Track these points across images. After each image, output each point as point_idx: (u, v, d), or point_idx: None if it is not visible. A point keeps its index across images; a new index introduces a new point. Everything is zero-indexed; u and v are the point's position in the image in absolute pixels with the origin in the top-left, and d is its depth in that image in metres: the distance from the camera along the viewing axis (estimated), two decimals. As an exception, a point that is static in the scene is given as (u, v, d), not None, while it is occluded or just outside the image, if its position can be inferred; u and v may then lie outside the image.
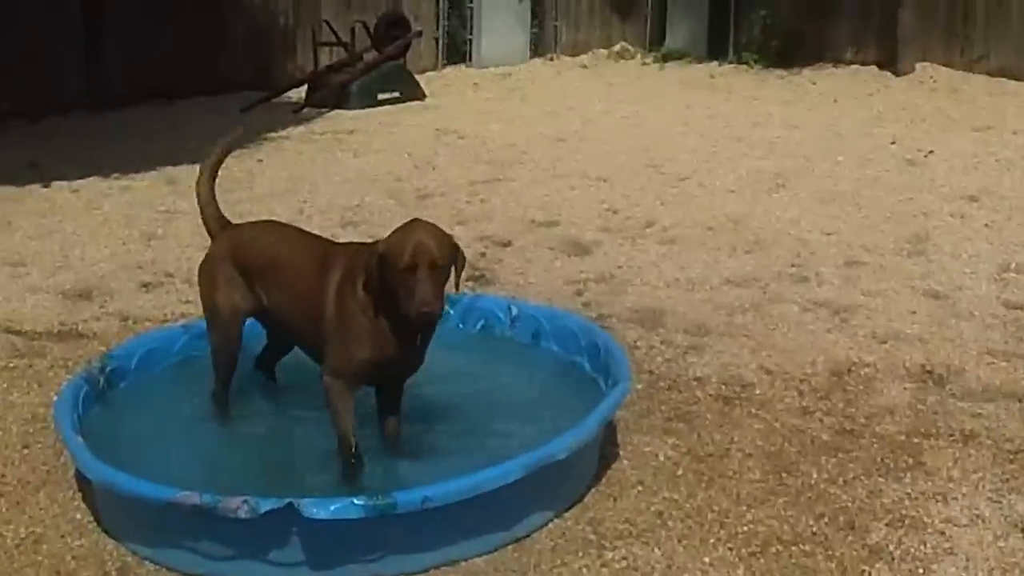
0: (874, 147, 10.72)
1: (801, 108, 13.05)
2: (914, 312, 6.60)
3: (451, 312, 6.10)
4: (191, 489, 4.20)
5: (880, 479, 4.81)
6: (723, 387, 5.73)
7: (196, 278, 5.34)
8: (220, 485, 4.46)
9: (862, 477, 4.82)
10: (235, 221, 8.50)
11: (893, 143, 10.83)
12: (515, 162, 10.96)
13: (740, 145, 11.18)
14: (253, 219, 9.02)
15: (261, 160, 11.35)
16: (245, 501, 4.11)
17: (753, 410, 5.47)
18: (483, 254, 7.98)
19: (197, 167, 5.41)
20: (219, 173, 5.37)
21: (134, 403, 5.37)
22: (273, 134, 12.83)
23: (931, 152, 10.31)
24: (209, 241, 5.38)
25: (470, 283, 7.34)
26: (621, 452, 5.07)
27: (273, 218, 8.78)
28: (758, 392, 5.66)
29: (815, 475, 4.85)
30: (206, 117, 13.81)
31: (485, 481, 4.26)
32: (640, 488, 4.79)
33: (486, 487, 4.25)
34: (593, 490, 4.76)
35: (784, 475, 4.85)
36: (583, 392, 5.29)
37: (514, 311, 6.03)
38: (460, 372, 5.53)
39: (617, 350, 5.33)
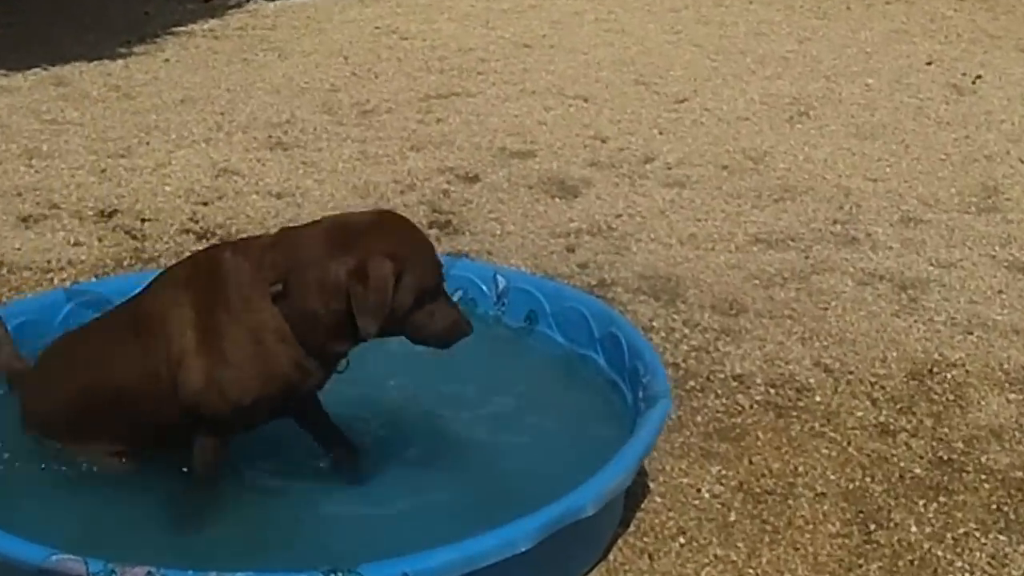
0: (908, 68, 9.83)
1: (810, 16, 12.12)
2: (1001, 292, 5.75)
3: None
4: (76, 548, 3.29)
5: (1001, 537, 3.99)
6: (772, 391, 4.86)
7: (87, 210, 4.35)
8: (121, 541, 3.58)
9: (976, 533, 4.00)
10: (138, 137, 7.46)
11: (930, 63, 9.96)
12: (474, 72, 9.99)
13: (745, 60, 10.26)
14: (161, 134, 8.18)
15: (167, 60, 10.32)
16: (149, 573, 3.21)
17: (817, 426, 4.62)
18: (446, 192, 7.05)
19: (92, 65, 4.44)
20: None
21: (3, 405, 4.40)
22: (180, 28, 11.75)
23: (979, 77, 9.45)
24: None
25: (434, 231, 6.42)
26: (651, 484, 4.22)
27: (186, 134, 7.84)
28: (819, 400, 4.81)
29: (913, 528, 4.02)
30: (104, 3, 12.71)
31: (487, 552, 3.35)
32: (682, 540, 3.96)
33: (489, 559, 3.35)
34: (620, 541, 3.94)
35: (872, 527, 4.03)
36: (601, 403, 4.41)
37: (501, 283, 5.07)
38: (434, 371, 4.41)
39: (647, 349, 4.39)
